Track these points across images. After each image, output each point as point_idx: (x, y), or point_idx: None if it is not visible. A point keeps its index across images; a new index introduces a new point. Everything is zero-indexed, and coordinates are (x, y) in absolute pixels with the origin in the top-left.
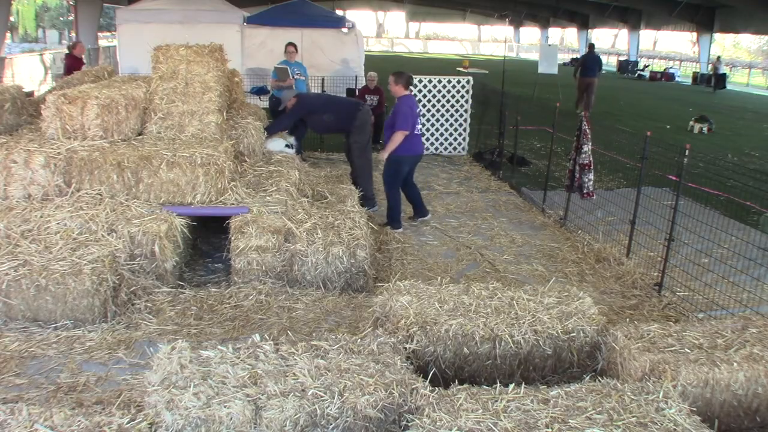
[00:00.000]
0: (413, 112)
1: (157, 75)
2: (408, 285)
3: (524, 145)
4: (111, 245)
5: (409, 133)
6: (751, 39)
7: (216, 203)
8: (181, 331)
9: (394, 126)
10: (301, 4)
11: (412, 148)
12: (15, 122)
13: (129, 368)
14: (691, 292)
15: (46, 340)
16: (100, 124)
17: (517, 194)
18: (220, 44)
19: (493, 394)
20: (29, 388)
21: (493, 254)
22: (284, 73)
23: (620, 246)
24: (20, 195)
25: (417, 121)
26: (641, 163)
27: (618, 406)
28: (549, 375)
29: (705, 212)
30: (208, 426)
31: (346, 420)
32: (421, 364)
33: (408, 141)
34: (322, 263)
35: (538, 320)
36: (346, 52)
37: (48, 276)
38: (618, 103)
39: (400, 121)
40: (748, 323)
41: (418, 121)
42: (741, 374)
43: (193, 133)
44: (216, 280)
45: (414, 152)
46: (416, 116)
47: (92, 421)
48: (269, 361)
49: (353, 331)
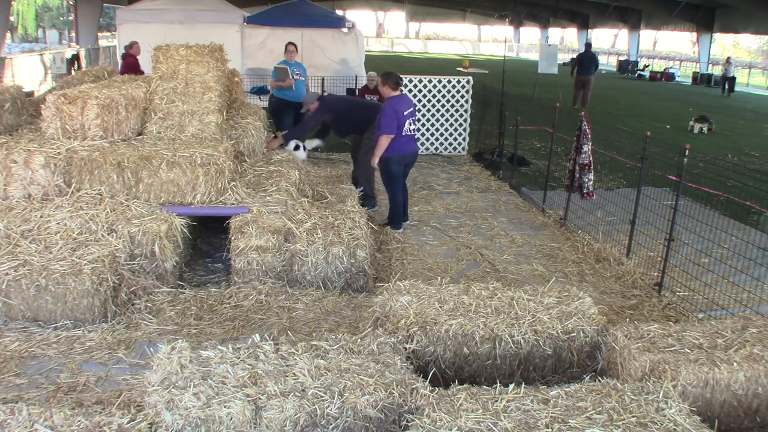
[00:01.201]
0: (399, 114)
1: (157, 75)
2: (408, 285)
3: (524, 145)
4: (111, 245)
5: (395, 134)
6: (751, 39)
7: (216, 203)
8: (181, 331)
9: (379, 129)
10: (301, 4)
11: (399, 149)
12: (15, 122)
13: (129, 368)
14: (691, 292)
15: (46, 340)
16: (100, 124)
17: (517, 194)
18: (220, 44)
19: (493, 394)
20: (29, 388)
21: (493, 254)
22: (284, 73)
23: (620, 246)
24: (20, 195)
25: (404, 122)
26: (641, 163)
27: (618, 406)
28: (549, 375)
29: (705, 212)
30: (208, 426)
31: (346, 420)
32: (421, 364)
33: (395, 142)
34: (322, 263)
35: (538, 320)
36: (346, 52)
37: (48, 276)
38: (618, 103)
39: (384, 125)
40: (748, 323)
41: (407, 121)
42: (741, 374)
43: (193, 133)
44: (216, 280)
45: (401, 152)
46: (404, 117)
47: (92, 421)
48: (269, 361)
49: (353, 331)
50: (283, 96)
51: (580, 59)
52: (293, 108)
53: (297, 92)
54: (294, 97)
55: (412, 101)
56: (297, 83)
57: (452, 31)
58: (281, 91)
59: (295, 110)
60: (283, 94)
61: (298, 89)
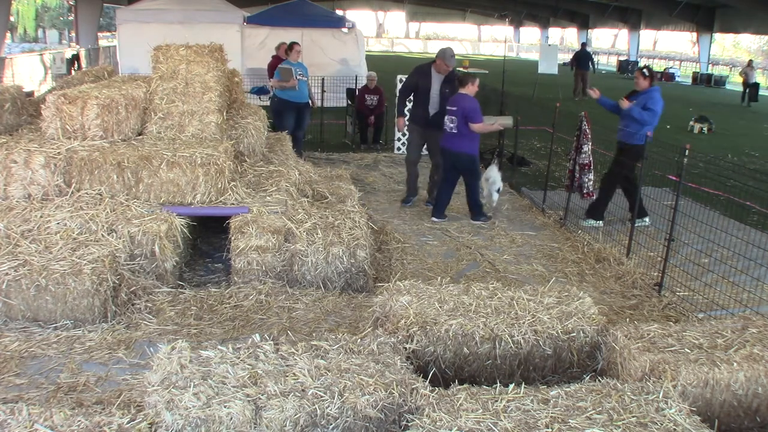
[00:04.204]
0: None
1: (157, 75)
2: (408, 285)
3: (524, 145)
4: (111, 245)
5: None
6: (751, 39)
7: (216, 203)
8: (181, 331)
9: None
10: (301, 4)
11: None
12: (15, 122)
13: (129, 368)
14: (691, 292)
15: (46, 340)
16: (100, 124)
17: (517, 194)
18: (220, 44)
19: (493, 394)
20: (29, 388)
21: (493, 254)
22: (288, 73)
23: (620, 246)
24: (20, 195)
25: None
26: (641, 163)
27: (618, 406)
28: (549, 375)
29: (705, 212)
30: (208, 426)
31: (346, 420)
32: (421, 364)
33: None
34: (322, 263)
35: (538, 320)
36: (346, 52)
37: (48, 276)
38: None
39: (479, 117)
40: (748, 323)
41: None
42: (741, 374)
43: (193, 133)
44: (216, 280)
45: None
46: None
47: (92, 421)
48: (269, 361)
49: (353, 331)
50: (286, 96)
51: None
52: (295, 108)
53: (299, 93)
54: (296, 97)
55: None
56: (299, 83)
57: (452, 31)
58: (284, 91)
59: (297, 110)
60: (285, 95)
61: (301, 90)
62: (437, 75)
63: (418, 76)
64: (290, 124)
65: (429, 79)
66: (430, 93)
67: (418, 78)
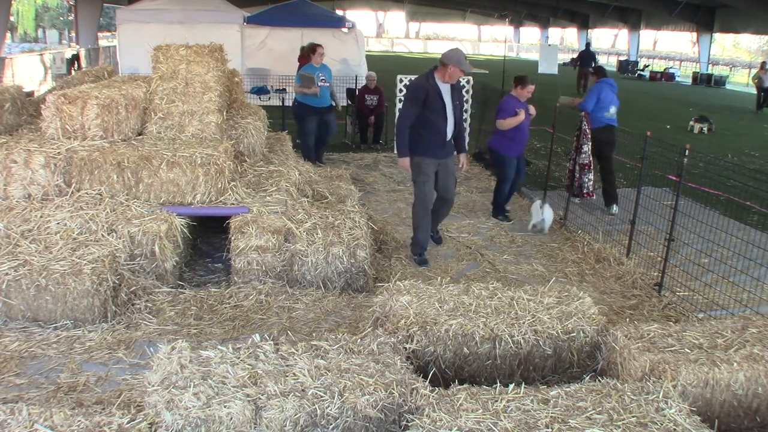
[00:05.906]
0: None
1: (157, 75)
2: (408, 285)
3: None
4: (111, 245)
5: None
6: (751, 39)
7: (216, 203)
8: (181, 331)
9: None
10: (301, 4)
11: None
12: (15, 122)
13: (129, 368)
14: (691, 292)
15: (46, 340)
16: (100, 124)
17: (517, 194)
18: (220, 44)
19: (493, 394)
20: (29, 388)
21: (493, 254)
22: (310, 80)
23: (620, 246)
24: (20, 195)
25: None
26: (641, 163)
27: (618, 406)
28: (549, 375)
29: (705, 212)
30: (208, 426)
31: (346, 420)
32: (421, 364)
33: None
34: (322, 263)
35: (538, 320)
36: (346, 52)
37: (48, 276)
38: None
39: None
40: (748, 323)
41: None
42: (741, 374)
43: (193, 133)
44: (216, 280)
45: None
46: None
47: (92, 421)
48: (269, 361)
49: (353, 331)
50: (307, 101)
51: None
52: (317, 113)
53: (321, 98)
54: (318, 102)
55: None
56: (321, 89)
57: (452, 31)
58: (305, 96)
59: (318, 116)
60: (307, 100)
61: (323, 95)
62: (445, 85)
63: (423, 94)
64: (312, 128)
65: (440, 94)
66: (446, 111)
67: (424, 97)
